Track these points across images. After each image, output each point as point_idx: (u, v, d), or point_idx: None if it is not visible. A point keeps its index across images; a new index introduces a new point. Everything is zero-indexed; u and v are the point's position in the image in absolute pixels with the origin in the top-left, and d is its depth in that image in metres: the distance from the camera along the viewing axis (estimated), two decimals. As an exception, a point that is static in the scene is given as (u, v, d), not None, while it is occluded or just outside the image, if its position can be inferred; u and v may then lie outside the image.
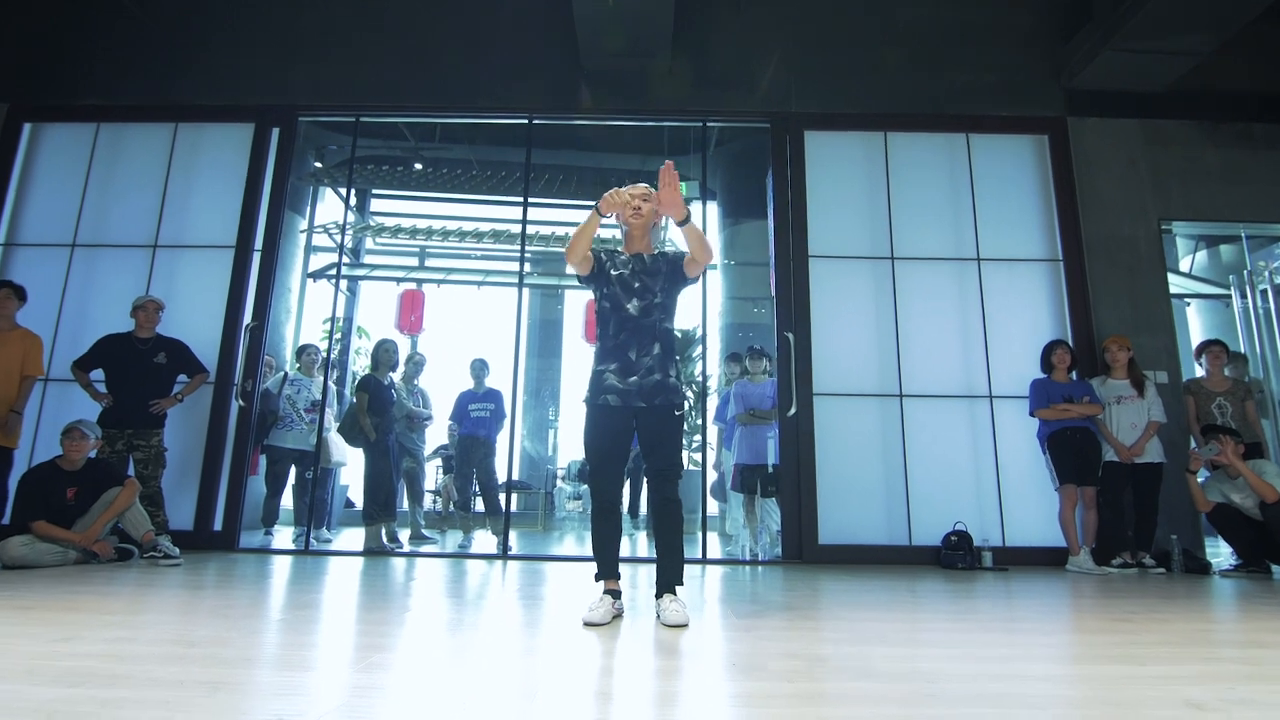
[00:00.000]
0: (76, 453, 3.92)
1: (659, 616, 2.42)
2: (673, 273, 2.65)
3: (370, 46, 5.44)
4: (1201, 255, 7.86)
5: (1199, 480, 4.43)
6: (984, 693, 1.63)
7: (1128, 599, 3.25)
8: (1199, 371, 4.92)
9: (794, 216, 5.09)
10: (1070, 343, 4.83)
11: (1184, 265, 7.96)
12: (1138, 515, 4.48)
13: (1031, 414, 4.59)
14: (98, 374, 4.52)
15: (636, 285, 2.62)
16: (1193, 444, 4.57)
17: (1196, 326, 7.93)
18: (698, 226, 2.56)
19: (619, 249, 2.78)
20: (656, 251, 2.73)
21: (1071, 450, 4.44)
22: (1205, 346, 4.89)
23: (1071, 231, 5.05)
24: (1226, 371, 4.85)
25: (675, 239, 2.83)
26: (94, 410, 4.41)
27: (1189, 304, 7.69)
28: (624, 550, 2.89)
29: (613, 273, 2.65)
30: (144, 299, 4.57)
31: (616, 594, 2.51)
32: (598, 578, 2.56)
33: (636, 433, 2.59)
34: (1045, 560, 4.54)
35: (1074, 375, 4.70)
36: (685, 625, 2.33)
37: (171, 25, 5.41)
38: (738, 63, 5.41)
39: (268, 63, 5.40)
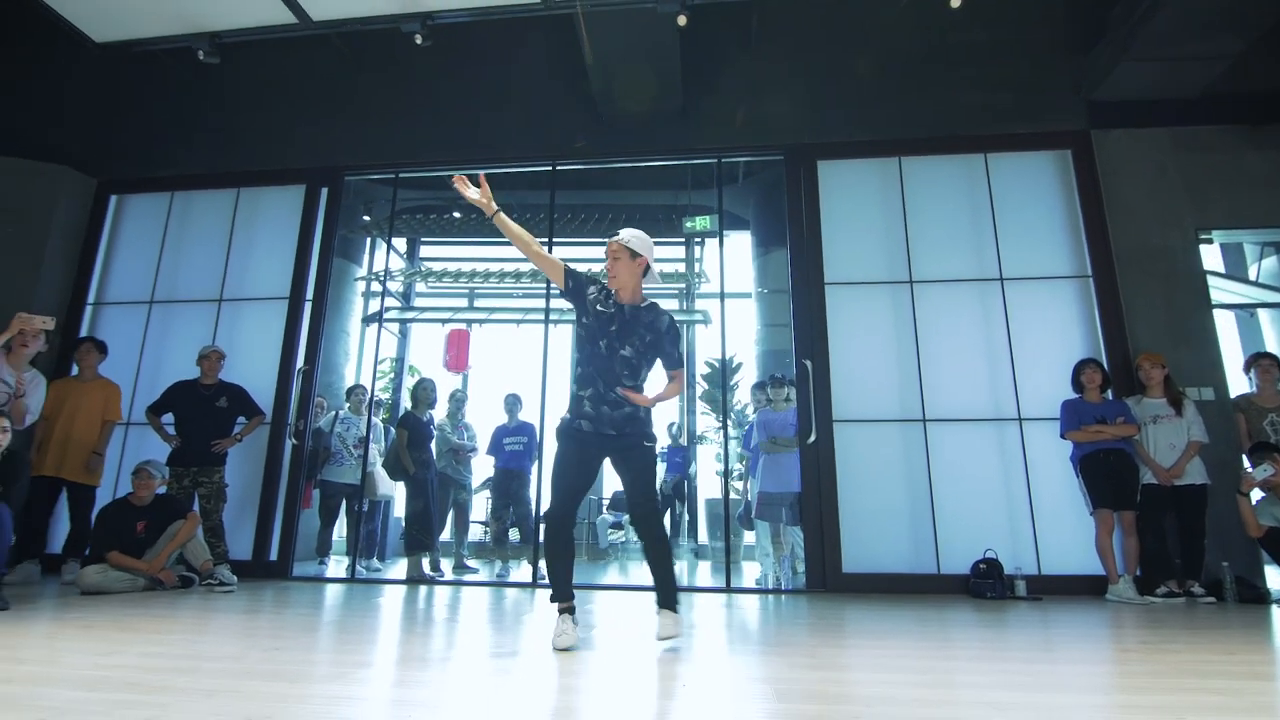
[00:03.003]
0: (145, 490, 4.34)
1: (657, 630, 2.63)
2: (649, 352, 2.67)
3: (405, 108, 5.89)
4: (1270, 261, 7.39)
5: (1252, 502, 4.18)
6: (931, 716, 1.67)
7: (1163, 629, 3.11)
8: (1249, 387, 4.65)
9: (809, 245, 5.15)
10: (1104, 361, 4.68)
11: (1251, 273, 7.49)
12: (1183, 541, 4.24)
13: (1062, 436, 4.45)
14: (168, 417, 4.99)
15: (613, 329, 2.64)
16: (1245, 464, 4.32)
17: (1271, 337, 7.43)
18: (677, 389, 2.71)
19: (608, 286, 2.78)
20: (645, 304, 2.73)
21: (1105, 473, 4.27)
22: (1255, 360, 4.63)
23: (1100, 246, 4.91)
24: (1280, 386, 4.57)
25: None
26: (166, 451, 4.86)
27: (1253, 314, 7.22)
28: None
29: (597, 307, 2.67)
30: (208, 349, 5.03)
31: (572, 611, 2.60)
32: (553, 599, 2.61)
33: (612, 464, 2.70)
34: (1084, 589, 4.35)
35: (1108, 395, 4.53)
36: (677, 635, 2.60)
37: (231, 98, 6.00)
38: (749, 98, 5.56)
39: (315, 129, 5.91)
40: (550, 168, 5.71)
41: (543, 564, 3.48)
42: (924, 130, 5.28)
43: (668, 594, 2.62)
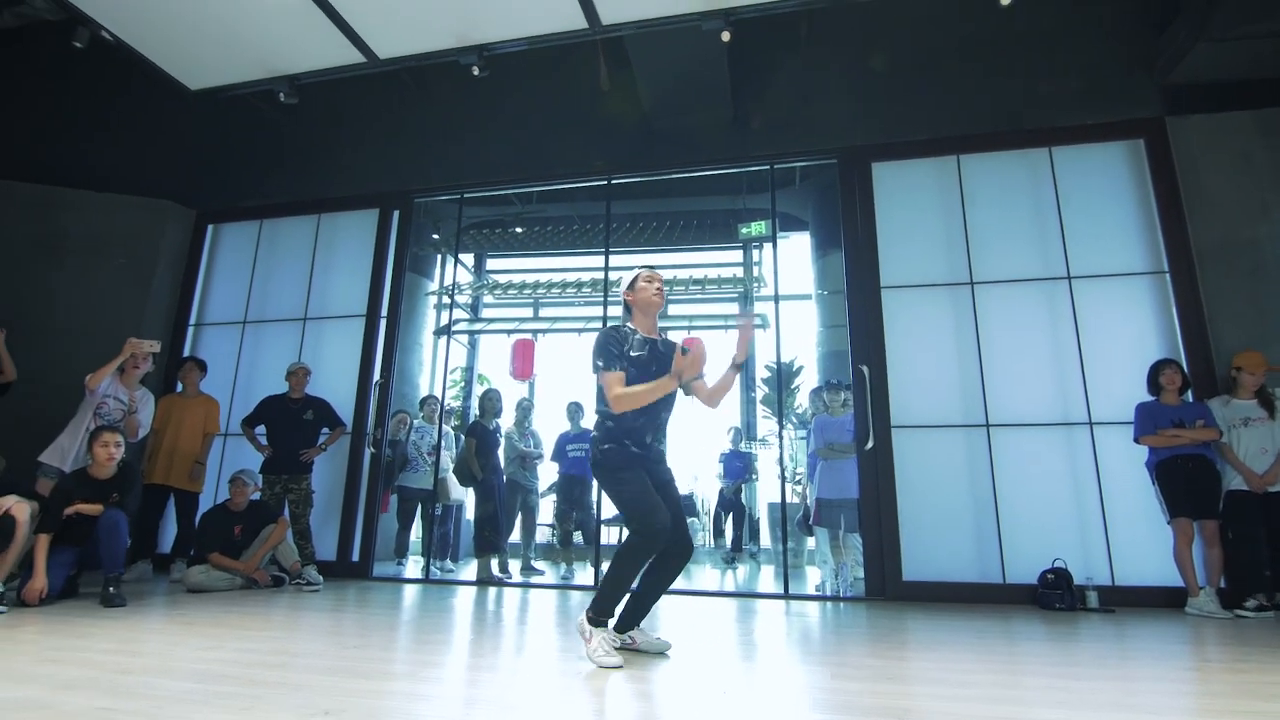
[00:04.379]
0: (240, 496, 4.75)
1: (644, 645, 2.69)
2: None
3: (466, 131, 6.19)
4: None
5: (1353, 511, 3.90)
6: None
7: (1247, 645, 2.97)
8: (1350, 386, 4.32)
9: (865, 249, 5.11)
10: (1183, 361, 4.45)
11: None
12: (1274, 551, 3.99)
13: (1136, 440, 4.26)
14: (260, 429, 5.42)
15: (654, 370, 2.63)
16: (1345, 469, 4.03)
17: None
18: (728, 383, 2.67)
19: (627, 324, 2.77)
20: (662, 338, 2.77)
21: (1184, 479, 4.07)
22: (1356, 357, 4.30)
23: (1179, 240, 4.67)
24: (1388, 385, 4.23)
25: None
26: (258, 459, 5.29)
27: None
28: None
29: (631, 353, 2.63)
30: (295, 366, 5.44)
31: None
32: (607, 616, 2.53)
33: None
34: (1161, 601, 4.16)
35: (1188, 397, 4.31)
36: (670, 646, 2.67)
37: (311, 131, 6.45)
38: (799, 102, 5.55)
39: (386, 156, 6.30)
40: (606, 181, 5.87)
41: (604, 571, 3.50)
42: (983, 126, 5.14)
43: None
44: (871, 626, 3.48)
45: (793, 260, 8.62)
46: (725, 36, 3.97)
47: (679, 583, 6.04)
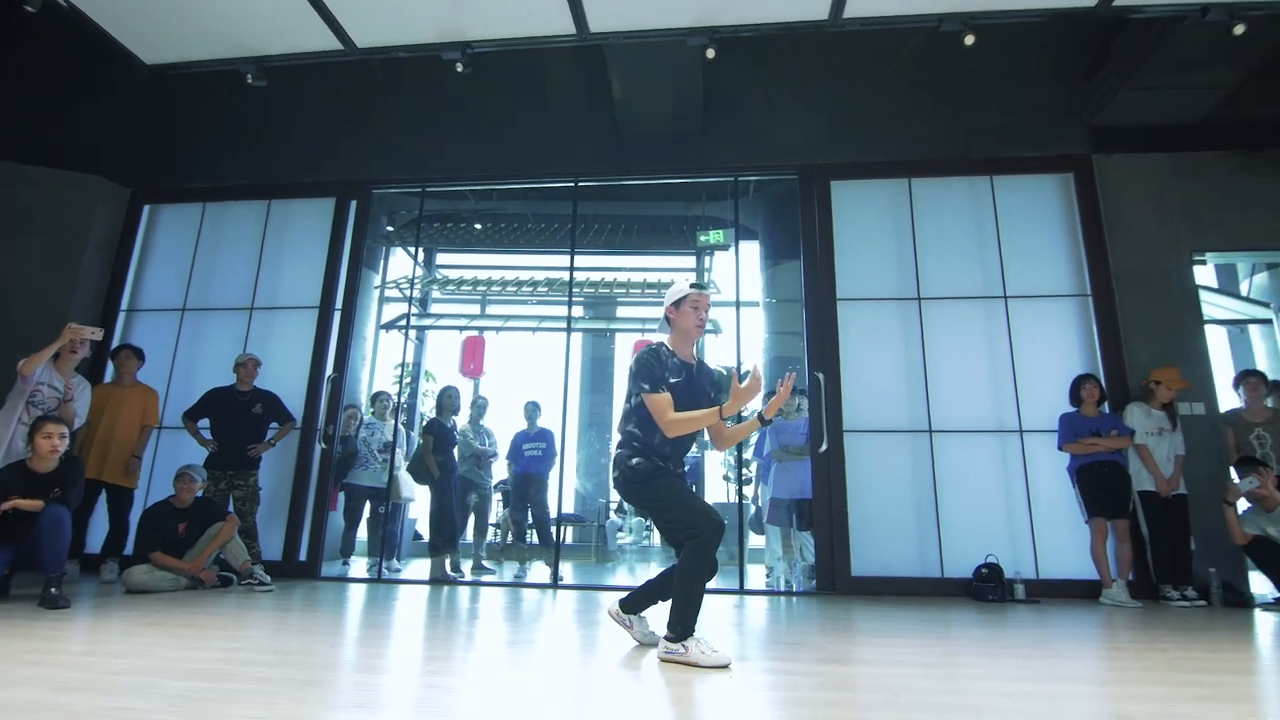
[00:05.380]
0: (186, 493, 4.53)
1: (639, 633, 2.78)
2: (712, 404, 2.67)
3: (434, 124, 6.10)
4: (1261, 278, 7.65)
5: (1238, 512, 4.42)
6: (945, 703, 1.89)
7: (1154, 630, 3.34)
8: (1239, 402, 4.89)
9: (823, 262, 5.38)
10: (1101, 375, 4.92)
11: (1243, 288, 7.75)
12: (1173, 547, 4.48)
13: (1060, 448, 4.69)
14: (203, 422, 5.17)
15: (687, 397, 2.62)
16: (1232, 476, 4.56)
17: (1261, 351, 7.69)
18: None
19: (664, 344, 2.73)
20: (696, 362, 2.75)
21: (1100, 483, 4.52)
22: (1243, 376, 4.88)
23: (1099, 266, 5.15)
24: (1268, 402, 4.82)
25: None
26: (201, 454, 5.06)
27: (1243, 329, 7.49)
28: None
29: (670, 379, 2.61)
30: (245, 357, 5.23)
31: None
32: (690, 629, 2.44)
33: None
34: (1080, 593, 4.59)
35: (1104, 408, 4.77)
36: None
37: (265, 113, 6.18)
38: (766, 119, 5.79)
39: (346, 143, 6.12)
40: (573, 183, 5.92)
41: (568, 566, 3.46)
42: (933, 153, 5.51)
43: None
44: (822, 617, 3.71)
45: (742, 268, 8.88)
46: (710, 54, 4.12)
47: (636, 579, 6.16)
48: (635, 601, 2.76)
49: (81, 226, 5.87)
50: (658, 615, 2.72)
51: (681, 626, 2.40)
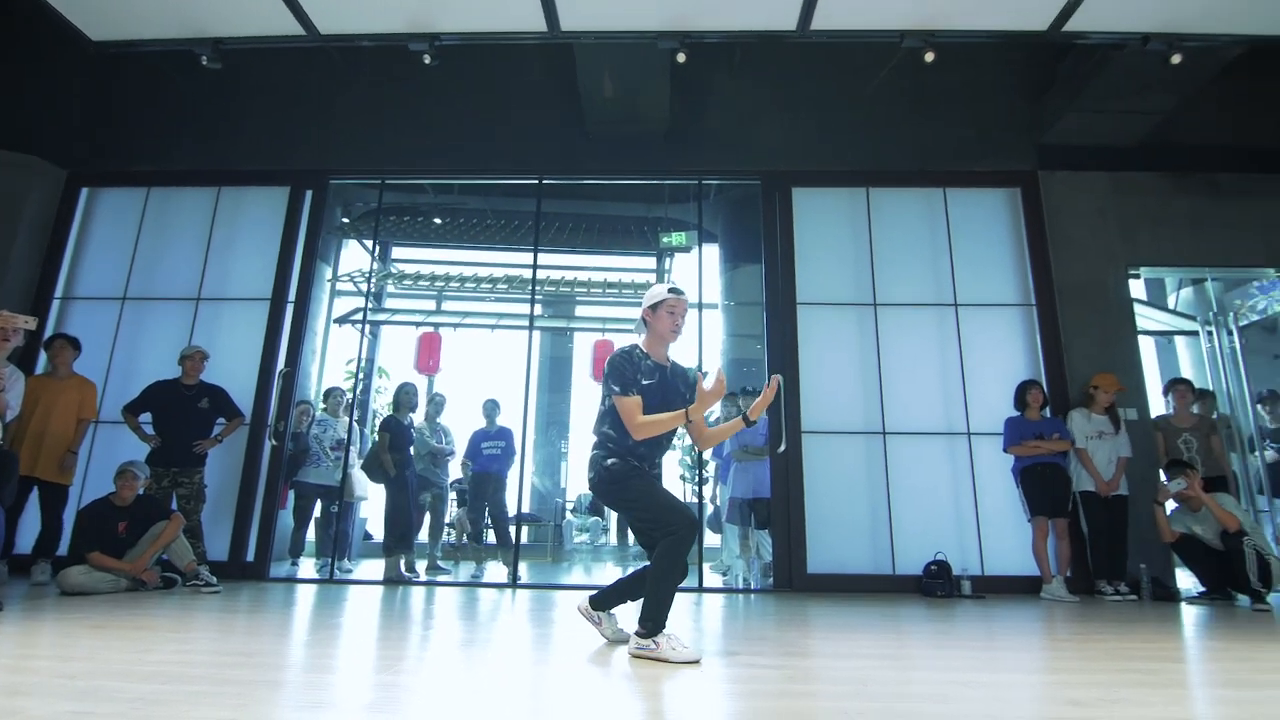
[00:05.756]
0: (128, 491, 4.33)
1: (607, 630, 2.81)
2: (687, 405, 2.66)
3: (395, 115, 5.98)
4: (1187, 292, 8.14)
5: (1166, 512, 4.70)
6: (911, 692, 1.97)
7: (1092, 622, 3.53)
8: (1167, 409, 5.20)
9: (783, 267, 5.49)
10: (1044, 382, 5.16)
11: (1170, 301, 8.24)
12: (1112, 545, 4.73)
13: (1005, 450, 4.90)
14: (145, 416, 4.95)
15: (660, 398, 2.64)
16: (1161, 477, 4.84)
17: (1185, 360, 8.18)
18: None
19: (638, 346, 2.74)
20: (670, 364, 2.77)
21: (1042, 484, 4.74)
22: (1172, 384, 5.19)
23: (1043, 278, 5.40)
24: (1194, 408, 5.14)
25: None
26: (140, 450, 4.84)
27: (1170, 340, 7.96)
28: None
29: (642, 381, 2.63)
30: (191, 349, 5.02)
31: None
32: (660, 628, 2.46)
33: None
34: (1022, 588, 4.81)
35: (1046, 413, 5.01)
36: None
37: (216, 97, 5.96)
38: (731, 125, 5.87)
39: (303, 131, 5.94)
40: (537, 181, 5.89)
41: (524, 566, 3.44)
42: (891, 164, 5.69)
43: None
44: (781, 614, 3.80)
45: (695, 270, 8.97)
46: (681, 58, 4.16)
47: (598, 579, 6.17)
48: (605, 599, 2.78)
49: (12, 209, 5.55)
50: (625, 613, 2.74)
51: (653, 623, 2.43)
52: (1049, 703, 1.88)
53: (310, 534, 6.36)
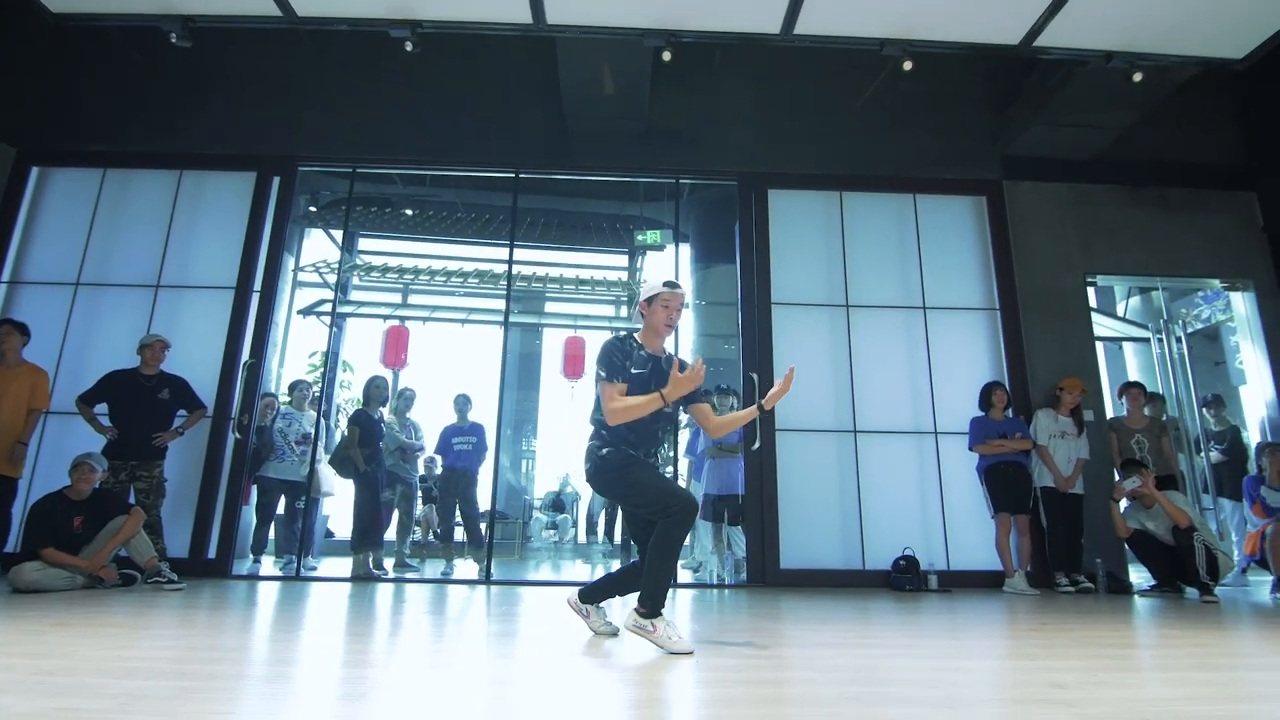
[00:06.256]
0: (85, 484, 4.15)
1: (595, 623, 2.81)
2: (685, 399, 2.68)
3: (368, 103, 5.85)
4: (1135, 300, 8.52)
5: (1121, 509, 4.91)
6: (897, 679, 2.02)
7: (1053, 614, 3.67)
8: (1121, 411, 5.44)
9: (758, 267, 5.56)
10: (1007, 383, 5.34)
11: (1119, 309, 8.62)
12: (1069, 538, 4.93)
13: (970, 449, 5.06)
14: (101, 407, 4.75)
15: (653, 387, 2.59)
16: (1116, 476, 5.06)
17: (1133, 365, 8.57)
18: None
19: (634, 335, 2.73)
20: (665, 355, 2.75)
21: (1005, 482, 4.91)
22: (1126, 388, 5.43)
23: (1007, 283, 5.59)
24: (1146, 411, 5.38)
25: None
26: (94, 442, 4.63)
27: (1119, 346, 8.32)
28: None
29: (632, 370, 2.61)
30: (151, 338, 4.83)
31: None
32: (659, 610, 2.46)
33: None
34: (986, 583, 4.98)
35: (1009, 413, 5.18)
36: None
37: (178, 77, 5.74)
38: (709, 125, 5.92)
39: (270, 115, 5.77)
40: (514, 174, 5.84)
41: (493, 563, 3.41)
42: (864, 169, 5.81)
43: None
44: (752, 607, 3.86)
45: (669, 269, 9.02)
46: (666, 56, 4.18)
47: (566, 575, 6.16)
48: (595, 593, 2.78)
49: (-45, 186, 5.26)
50: (614, 608, 2.75)
51: (652, 603, 2.43)
52: (1034, 685, 1.95)
53: (270, 531, 6.18)
